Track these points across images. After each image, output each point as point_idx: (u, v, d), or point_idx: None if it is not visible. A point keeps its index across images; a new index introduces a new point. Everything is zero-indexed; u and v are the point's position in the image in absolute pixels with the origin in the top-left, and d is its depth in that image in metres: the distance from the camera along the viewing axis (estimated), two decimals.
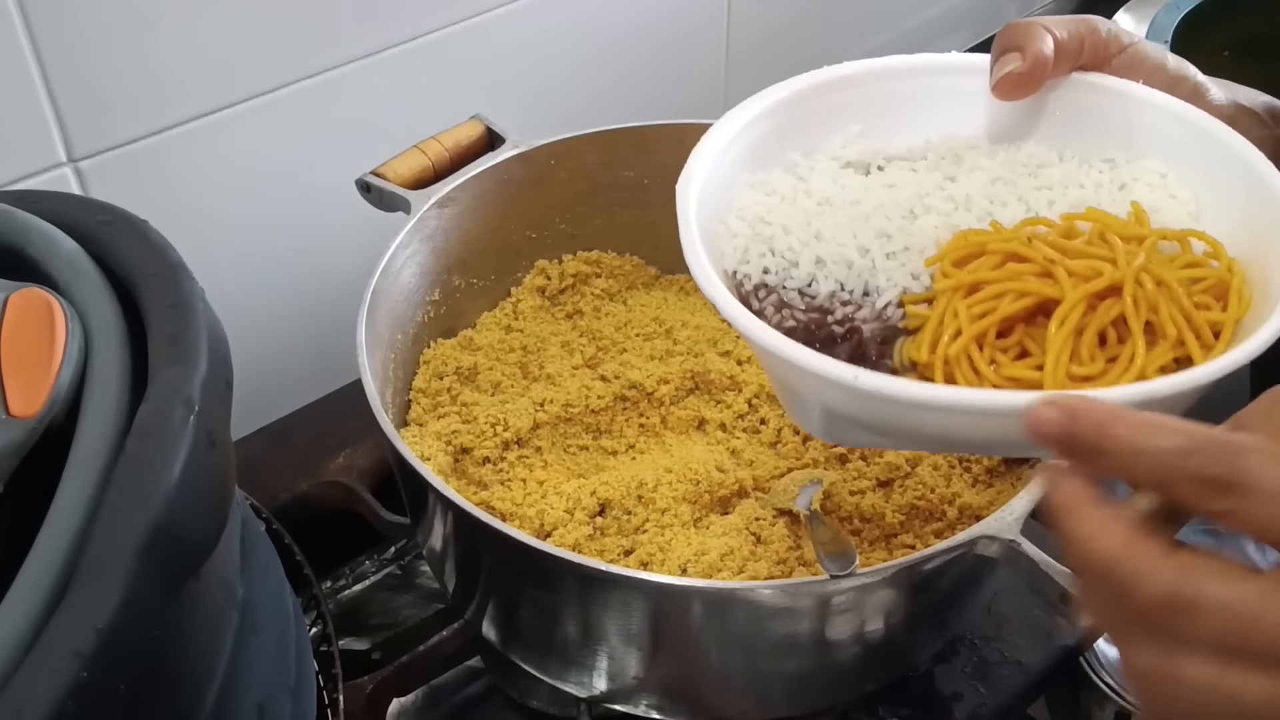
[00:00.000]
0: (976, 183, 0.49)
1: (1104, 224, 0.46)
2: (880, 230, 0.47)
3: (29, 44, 0.65)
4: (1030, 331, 0.44)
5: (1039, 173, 0.50)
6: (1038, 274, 0.44)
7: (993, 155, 0.51)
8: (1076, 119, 0.51)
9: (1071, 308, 0.42)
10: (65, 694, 0.31)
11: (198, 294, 0.41)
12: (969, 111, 0.52)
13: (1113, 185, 0.49)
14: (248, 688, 0.43)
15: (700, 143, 0.49)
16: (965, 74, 0.51)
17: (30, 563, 0.34)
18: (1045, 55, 0.48)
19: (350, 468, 0.75)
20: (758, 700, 0.62)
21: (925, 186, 0.49)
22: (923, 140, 0.51)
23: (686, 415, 0.72)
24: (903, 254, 0.47)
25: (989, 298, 0.44)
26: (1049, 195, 0.48)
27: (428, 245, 0.72)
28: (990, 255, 0.45)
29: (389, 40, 0.80)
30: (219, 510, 0.38)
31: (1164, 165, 0.49)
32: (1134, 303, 0.42)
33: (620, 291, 0.80)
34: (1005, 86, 0.49)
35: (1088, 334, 0.43)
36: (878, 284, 0.46)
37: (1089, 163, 0.50)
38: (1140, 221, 0.46)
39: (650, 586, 0.55)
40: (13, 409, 0.37)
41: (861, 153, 0.51)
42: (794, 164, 0.51)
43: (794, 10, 1.06)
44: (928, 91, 0.52)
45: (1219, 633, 0.32)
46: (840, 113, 0.52)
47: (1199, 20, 0.94)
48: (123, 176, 0.72)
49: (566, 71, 0.93)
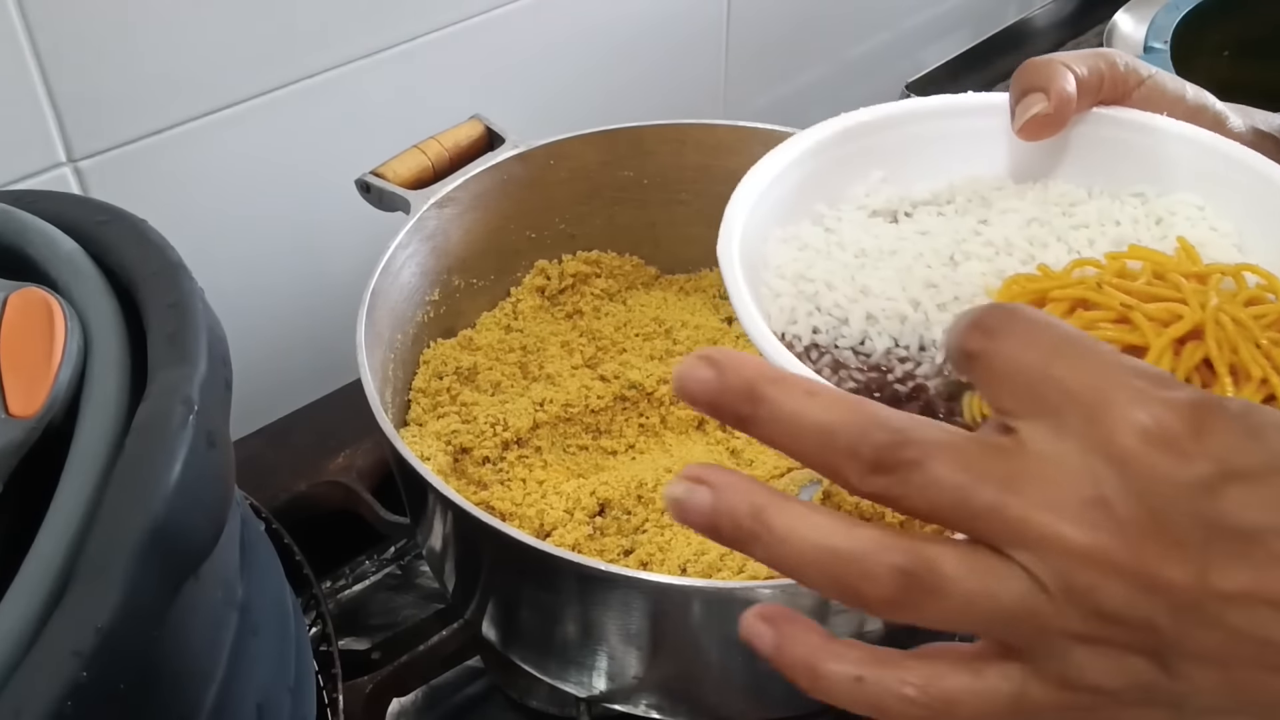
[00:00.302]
0: (1012, 225, 0.48)
1: (1156, 262, 0.44)
2: (926, 280, 0.46)
3: (28, 44, 0.65)
4: None
5: (1072, 211, 0.48)
6: (1114, 320, 0.42)
7: (1022, 196, 0.50)
8: (1101, 154, 0.50)
9: (1159, 355, 0.41)
10: (64, 694, 0.31)
11: (197, 294, 0.41)
12: (990, 152, 0.51)
13: (1149, 220, 0.48)
14: (247, 688, 0.43)
15: (733, 199, 0.47)
16: (983, 114, 0.50)
17: (29, 563, 0.34)
18: (1069, 93, 0.48)
19: (350, 468, 0.75)
20: (757, 700, 0.62)
21: (960, 232, 0.48)
22: (946, 184, 0.50)
23: (686, 415, 0.72)
24: (953, 304, 0.45)
25: None
26: (1088, 234, 0.47)
27: (427, 245, 0.72)
28: (1056, 303, 0.43)
29: (389, 40, 0.80)
30: (218, 510, 0.38)
31: (1199, 198, 0.48)
32: (1217, 345, 0.41)
33: (620, 291, 0.80)
34: (1032, 128, 0.48)
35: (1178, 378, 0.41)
36: (934, 338, 0.44)
37: (1119, 198, 0.49)
38: (1191, 258, 0.45)
39: (650, 586, 0.55)
40: (12, 409, 0.37)
41: (887, 200, 0.50)
42: (820, 215, 0.49)
43: (794, 10, 1.06)
44: (946, 133, 0.51)
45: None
46: (860, 160, 0.50)
47: (1199, 20, 0.94)
48: (122, 176, 0.72)
49: (566, 72, 0.93)
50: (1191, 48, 0.92)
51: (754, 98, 1.08)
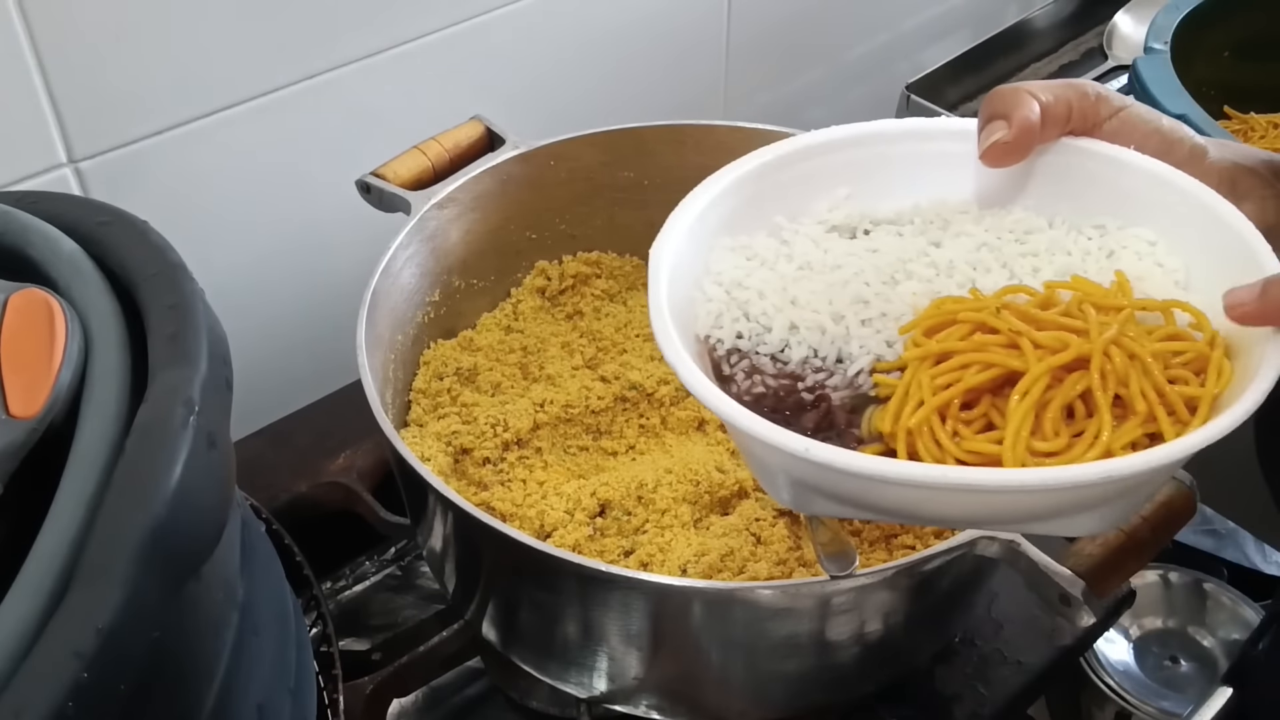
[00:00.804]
0: (961, 249, 0.48)
1: (1085, 293, 0.45)
2: (857, 296, 0.47)
3: (29, 45, 0.65)
4: (996, 404, 0.43)
5: (1026, 239, 0.49)
6: (1004, 345, 0.43)
7: (979, 221, 0.50)
8: (1066, 184, 0.50)
9: (1034, 381, 0.41)
10: (65, 695, 0.31)
11: (198, 294, 0.41)
12: (959, 176, 0.51)
13: (1101, 253, 0.48)
14: (248, 688, 0.43)
15: (679, 206, 0.49)
16: (955, 139, 0.51)
17: (30, 563, 0.34)
18: (1031, 122, 0.48)
19: (350, 468, 0.75)
20: (758, 701, 0.62)
21: (909, 252, 0.48)
22: (911, 204, 0.51)
23: (686, 416, 0.72)
24: (879, 320, 0.46)
25: (954, 368, 0.43)
26: (1034, 262, 0.48)
27: (428, 246, 0.72)
28: (960, 325, 0.44)
29: (389, 41, 0.80)
30: (219, 511, 0.38)
31: (1153, 233, 0.48)
32: (1101, 376, 0.41)
33: (620, 292, 0.80)
34: (993, 155, 0.49)
35: (1052, 408, 0.41)
36: (850, 351, 0.46)
37: (1079, 229, 0.49)
38: (1123, 291, 0.45)
39: (650, 587, 0.55)
40: (12, 410, 0.37)
41: (848, 216, 0.51)
42: (779, 227, 0.50)
43: (794, 11, 1.06)
44: (917, 156, 0.51)
45: None
46: (828, 176, 0.51)
47: (1199, 21, 0.94)
48: (123, 177, 0.72)
49: (566, 72, 0.93)
50: (1191, 48, 0.92)
51: (754, 98, 1.08)
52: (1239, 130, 0.97)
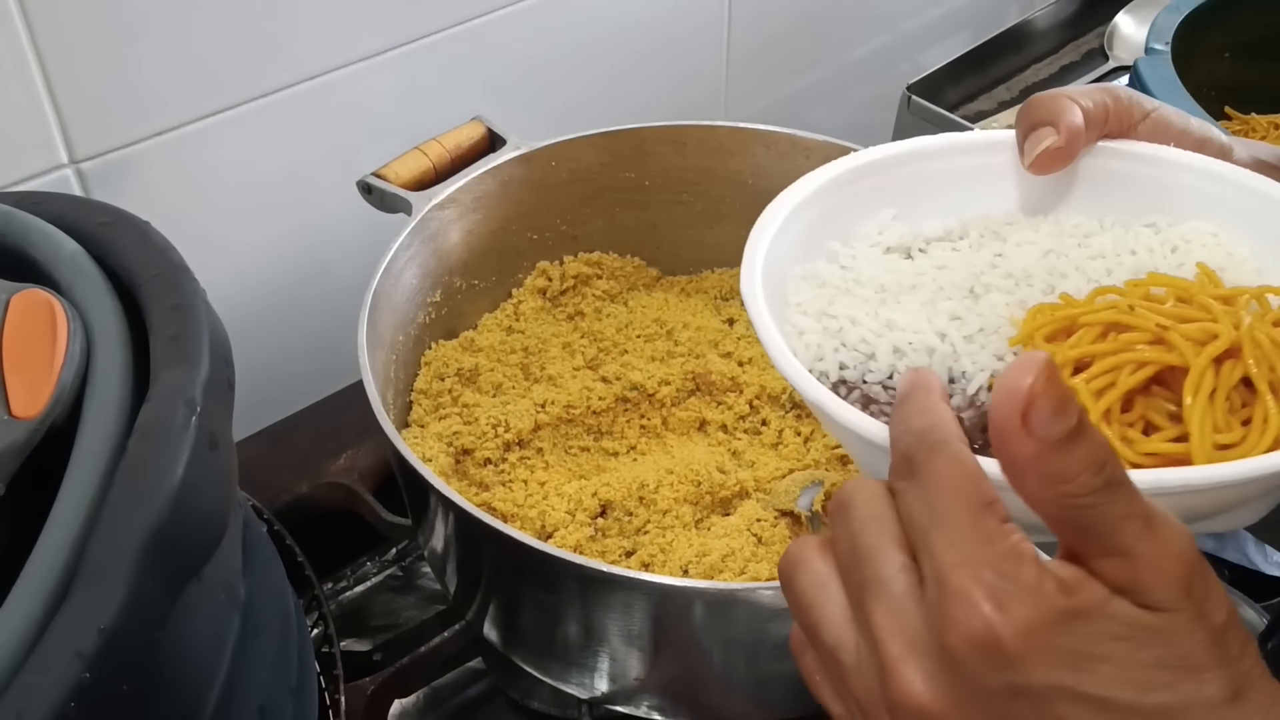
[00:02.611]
0: (1028, 257, 0.48)
1: (1179, 288, 0.44)
2: (950, 313, 0.45)
3: (30, 45, 0.65)
4: (1149, 402, 0.41)
5: (1087, 242, 0.48)
6: (1149, 342, 0.42)
7: (1036, 229, 0.50)
8: (1109, 187, 0.50)
9: (1201, 374, 0.40)
10: (67, 695, 0.31)
11: (199, 295, 0.41)
12: (998, 188, 0.51)
13: (1164, 249, 0.48)
14: (249, 689, 0.43)
15: (751, 238, 0.47)
16: (990, 151, 0.51)
17: (32, 564, 0.34)
18: (1079, 126, 0.48)
19: (351, 469, 0.75)
20: (759, 701, 0.62)
21: (977, 265, 0.48)
22: (957, 220, 0.50)
23: (688, 416, 0.72)
24: (979, 336, 0.45)
25: (1104, 371, 0.42)
26: (1105, 264, 0.47)
27: (429, 247, 0.72)
28: (1088, 328, 0.43)
29: (390, 42, 0.80)
30: (221, 511, 0.38)
31: (1212, 225, 0.48)
32: (1256, 364, 0.40)
33: (621, 293, 0.80)
34: (1043, 162, 0.48)
35: (1218, 398, 0.40)
36: (964, 369, 0.44)
37: (1131, 229, 0.49)
38: (1213, 281, 0.45)
39: (651, 588, 0.55)
40: (15, 410, 0.37)
41: (900, 237, 0.50)
42: (835, 253, 0.49)
43: (794, 12, 1.06)
44: (954, 171, 0.51)
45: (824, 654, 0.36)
46: (870, 198, 0.50)
47: (1200, 22, 0.94)
48: (124, 178, 0.72)
49: (567, 73, 0.93)
50: (1192, 49, 0.91)
51: (755, 99, 1.08)
52: (1239, 131, 0.97)
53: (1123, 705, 0.31)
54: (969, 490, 0.33)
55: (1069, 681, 0.31)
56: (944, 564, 0.32)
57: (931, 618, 0.32)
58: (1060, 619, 0.31)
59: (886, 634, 0.33)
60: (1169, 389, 0.42)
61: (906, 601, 0.33)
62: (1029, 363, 0.31)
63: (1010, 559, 0.32)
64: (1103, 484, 0.31)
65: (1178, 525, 0.32)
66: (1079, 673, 0.31)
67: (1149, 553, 0.31)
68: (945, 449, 0.34)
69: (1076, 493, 0.31)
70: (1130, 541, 0.31)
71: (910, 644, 0.33)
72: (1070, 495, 0.31)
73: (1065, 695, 0.31)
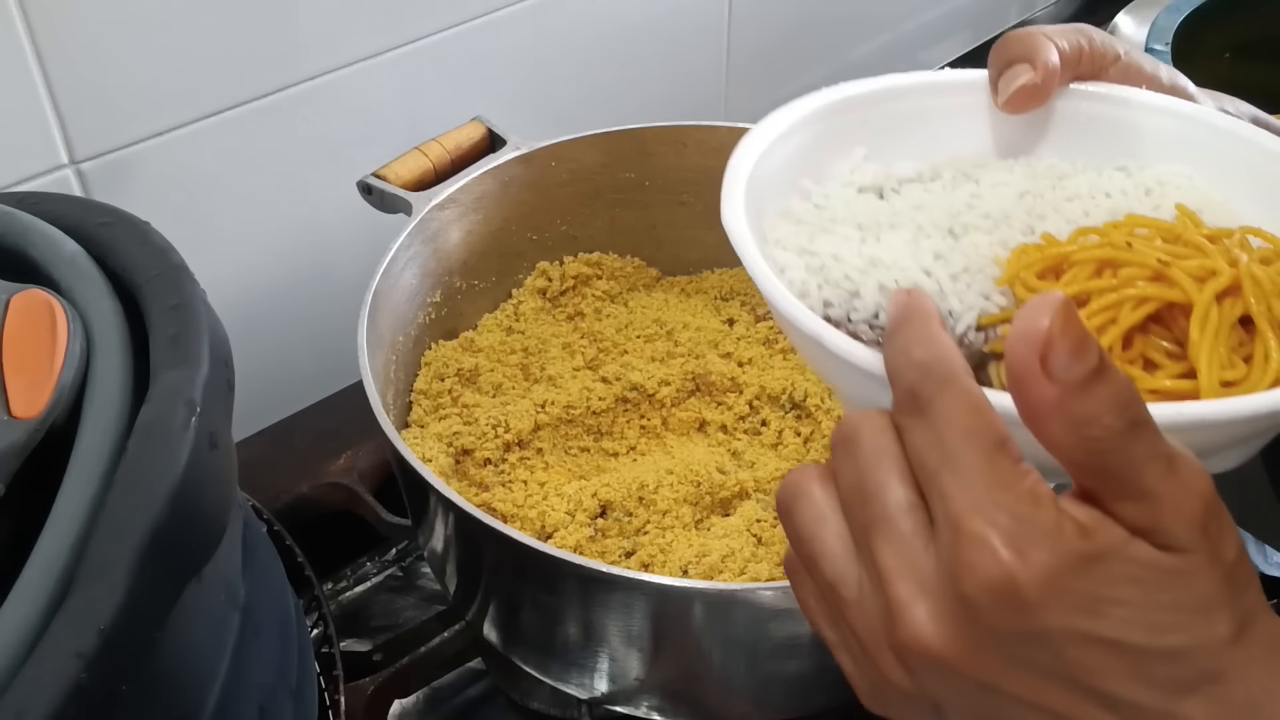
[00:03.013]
0: (1005, 198, 0.47)
1: (1162, 229, 0.43)
2: (934, 252, 0.45)
3: (30, 45, 0.65)
4: (1148, 341, 0.41)
5: (1061, 184, 0.48)
6: (1149, 279, 0.41)
7: (1010, 170, 0.49)
8: (1082, 129, 0.49)
9: (1207, 310, 0.40)
10: (66, 696, 0.31)
11: (199, 295, 0.41)
12: (970, 129, 0.50)
13: (1138, 191, 0.47)
14: (249, 690, 0.43)
15: (730, 169, 0.46)
16: (962, 91, 0.50)
17: (32, 564, 0.34)
18: (1055, 65, 0.47)
19: (351, 469, 0.75)
20: (759, 702, 0.62)
21: (954, 205, 0.47)
22: (928, 162, 0.50)
23: (688, 417, 0.72)
24: (964, 275, 0.44)
25: (1103, 308, 0.41)
26: (1081, 205, 0.47)
27: (429, 247, 0.72)
28: (1081, 265, 0.42)
29: (390, 42, 0.80)
30: (221, 512, 0.38)
31: (1186, 168, 0.48)
32: (1256, 301, 0.40)
33: (621, 293, 0.80)
34: (1018, 100, 0.48)
35: (1221, 336, 0.40)
36: (951, 308, 0.43)
37: (1102, 172, 0.49)
38: (1195, 222, 0.44)
39: (651, 588, 0.55)
40: (14, 410, 0.37)
41: (873, 177, 0.50)
42: (808, 191, 0.49)
43: (795, 12, 1.06)
44: (926, 111, 0.51)
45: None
46: (842, 136, 0.50)
47: (1200, 22, 0.94)
48: (124, 178, 0.72)
49: (568, 73, 0.93)
50: (1192, 49, 0.92)
51: (755, 99, 1.08)
52: None
53: (1135, 647, 0.31)
54: (982, 429, 0.32)
55: (1084, 625, 0.31)
56: (958, 507, 0.31)
57: (945, 562, 0.32)
58: (1079, 563, 0.31)
59: (894, 574, 0.32)
60: (1165, 327, 0.41)
61: (915, 542, 0.33)
62: (1044, 304, 0.30)
63: (1027, 502, 0.31)
64: (1127, 425, 0.31)
65: (1197, 464, 0.32)
66: (1095, 617, 0.31)
67: (1171, 494, 0.31)
68: (954, 384, 0.33)
69: (1101, 436, 0.30)
70: (1153, 483, 0.31)
71: (920, 586, 0.32)
72: (1094, 439, 0.30)
73: (1079, 639, 0.31)
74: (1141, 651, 0.31)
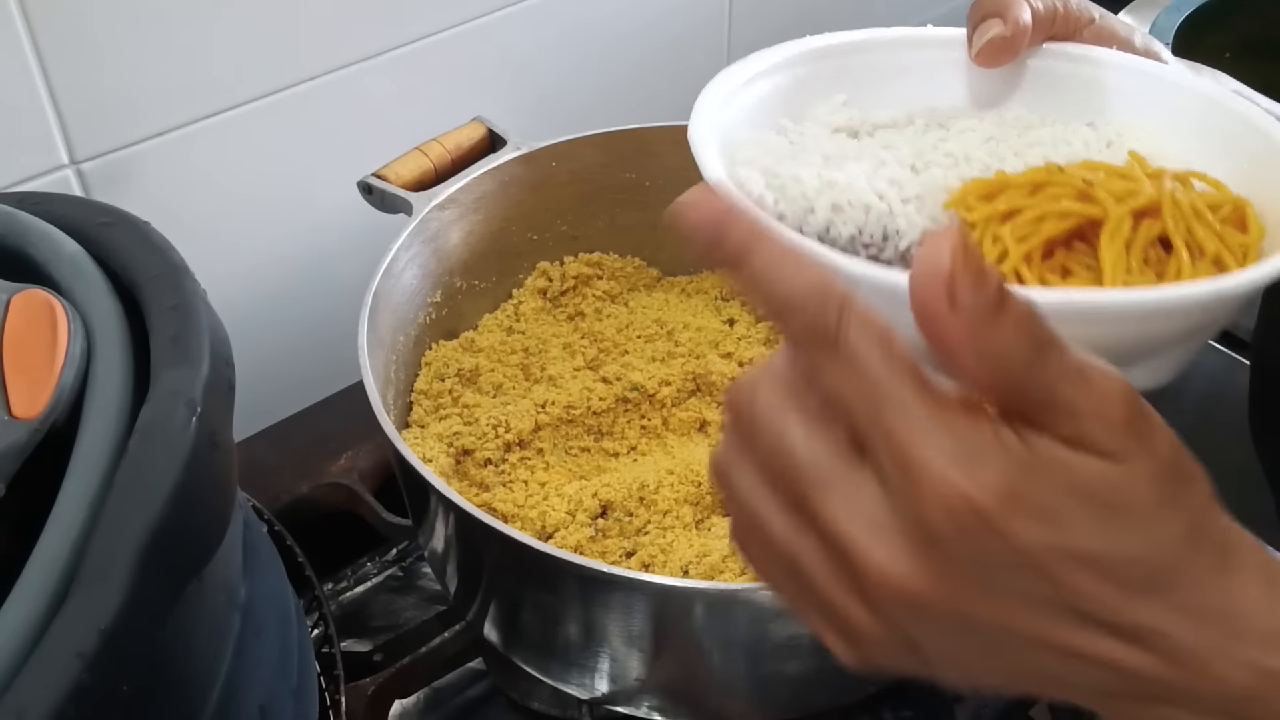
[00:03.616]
0: (970, 142, 0.50)
1: (1113, 172, 0.46)
2: (891, 179, 0.47)
3: (31, 46, 0.65)
4: (1070, 255, 0.43)
5: (1026, 133, 0.50)
6: (1074, 198, 0.44)
7: (980, 118, 0.52)
8: (1054, 87, 0.51)
9: (1119, 222, 0.42)
10: (67, 696, 0.31)
11: (199, 295, 0.41)
12: (946, 83, 0.52)
13: (1100, 142, 0.49)
14: (250, 690, 0.43)
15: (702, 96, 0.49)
16: (941, 47, 0.52)
17: (32, 564, 0.34)
18: (1026, 22, 0.49)
19: (352, 469, 0.75)
20: (760, 702, 0.62)
21: (921, 146, 0.50)
22: (904, 111, 0.52)
23: (688, 417, 0.72)
24: (915, 200, 0.47)
25: (1029, 221, 0.44)
26: (1043, 152, 0.49)
27: (429, 247, 0.72)
28: (1016, 187, 0.45)
29: (391, 42, 0.80)
30: (221, 512, 0.38)
31: (1150, 124, 0.50)
32: (1174, 222, 0.42)
33: (622, 293, 0.80)
34: (988, 53, 0.50)
35: (1134, 249, 0.42)
36: (897, 227, 0.46)
37: (1069, 125, 0.51)
38: (1143, 166, 0.47)
39: (652, 588, 0.55)
40: (15, 410, 0.37)
41: (850, 120, 0.52)
42: (785, 128, 0.51)
43: (794, 12, 1.06)
44: (906, 64, 0.53)
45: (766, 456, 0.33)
46: (823, 83, 0.52)
47: (1200, 22, 0.94)
48: (124, 178, 0.72)
49: (568, 73, 0.93)
50: (1193, 49, 0.91)
51: None
52: None
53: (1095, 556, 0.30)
54: (897, 353, 0.31)
55: (1047, 537, 0.30)
56: (900, 440, 0.31)
57: (899, 497, 0.31)
58: (1030, 474, 0.30)
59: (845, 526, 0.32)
60: (1091, 245, 0.43)
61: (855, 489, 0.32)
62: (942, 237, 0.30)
63: (964, 419, 0.31)
64: (1034, 347, 0.30)
65: (1110, 369, 0.31)
66: (1055, 527, 0.30)
67: (1089, 404, 0.31)
68: (853, 311, 0.32)
69: (1012, 361, 0.30)
70: (1070, 396, 0.31)
71: (873, 529, 0.31)
72: (1006, 365, 0.30)
73: (1043, 551, 0.30)
74: (1100, 559, 0.30)
